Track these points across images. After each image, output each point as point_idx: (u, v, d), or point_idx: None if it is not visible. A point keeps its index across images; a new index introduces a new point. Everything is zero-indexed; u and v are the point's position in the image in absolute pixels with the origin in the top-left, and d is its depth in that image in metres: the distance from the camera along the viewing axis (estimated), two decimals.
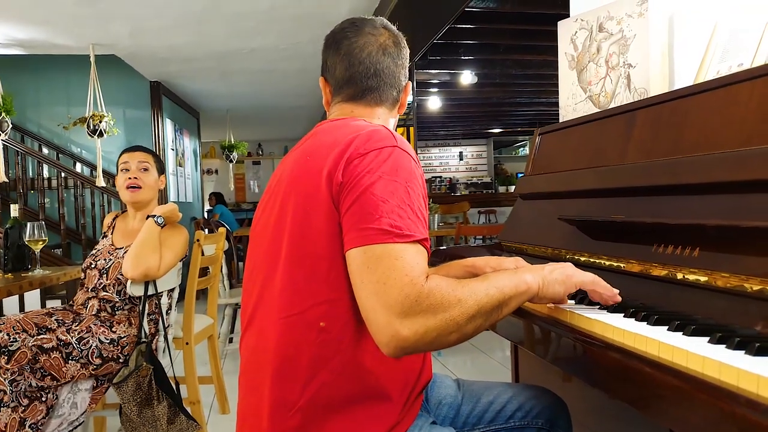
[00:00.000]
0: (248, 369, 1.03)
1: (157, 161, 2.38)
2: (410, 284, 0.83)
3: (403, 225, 0.88)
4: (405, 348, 0.83)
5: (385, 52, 1.15)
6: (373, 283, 0.84)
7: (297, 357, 0.94)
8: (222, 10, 4.45)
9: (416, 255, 0.87)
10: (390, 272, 0.84)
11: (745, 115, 0.96)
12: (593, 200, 1.30)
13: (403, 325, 0.81)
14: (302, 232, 0.96)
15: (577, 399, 1.51)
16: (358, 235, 0.88)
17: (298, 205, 0.97)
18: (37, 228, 2.55)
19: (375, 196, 0.89)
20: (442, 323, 0.83)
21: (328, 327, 0.93)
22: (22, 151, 5.82)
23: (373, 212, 0.88)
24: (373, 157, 0.93)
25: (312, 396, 0.92)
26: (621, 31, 1.50)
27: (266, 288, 1.00)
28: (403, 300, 0.82)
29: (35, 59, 5.84)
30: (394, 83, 1.17)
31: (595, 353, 0.87)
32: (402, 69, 1.18)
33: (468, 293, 0.85)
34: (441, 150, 13.80)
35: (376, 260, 0.85)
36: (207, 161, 12.10)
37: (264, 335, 0.99)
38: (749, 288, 0.81)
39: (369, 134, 0.97)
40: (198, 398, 2.47)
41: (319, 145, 1.02)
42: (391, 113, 1.20)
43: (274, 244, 1.00)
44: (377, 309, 0.83)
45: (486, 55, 6.49)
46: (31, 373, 1.88)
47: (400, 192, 0.91)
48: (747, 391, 0.61)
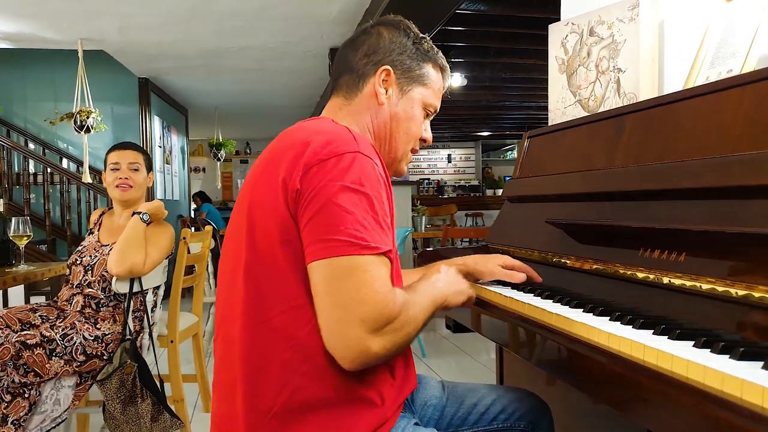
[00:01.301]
0: (219, 376, 1.01)
1: (147, 159, 2.37)
2: (383, 302, 0.85)
3: (368, 237, 0.86)
4: (369, 363, 0.86)
5: (344, 47, 1.14)
6: (341, 295, 0.84)
7: (266, 365, 0.92)
8: (212, 8, 4.42)
9: (381, 267, 0.87)
10: (360, 286, 0.84)
11: (733, 121, 0.97)
12: (581, 204, 1.30)
13: (374, 341, 0.84)
14: (260, 240, 0.93)
15: (561, 402, 1.52)
16: (323, 246, 0.86)
17: (254, 213, 0.95)
18: (22, 223, 2.52)
19: (338, 207, 0.86)
20: (405, 339, 0.89)
21: (295, 333, 0.91)
22: (7, 146, 5.75)
23: (337, 223, 0.86)
24: (333, 165, 0.89)
25: (286, 401, 0.90)
26: (611, 36, 1.51)
27: (230, 296, 0.98)
28: (377, 317, 0.84)
29: (22, 53, 5.78)
30: (346, 67, 1.12)
31: (579, 356, 0.87)
32: (364, 54, 1.11)
33: (419, 310, 0.93)
34: (429, 152, 13.82)
35: (343, 272, 0.85)
36: (195, 159, 12.02)
37: (230, 344, 0.97)
38: (734, 293, 0.82)
39: (328, 139, 0.93)
40: (182, 396, 2.45)
41: (278, 148, 0.99)
42: (354, 103, 1.11)
43: (235, 252, 0.98)
44: (347, 322, 0.84)
45: (476, 58, 6.52)
46: (14, 369, 1.86)
47: (364, 202, 0.88)
48: (731, 395, 0.61)
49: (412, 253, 5.14)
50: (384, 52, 1.10)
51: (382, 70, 1.09)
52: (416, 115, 1.14)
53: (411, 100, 1.13)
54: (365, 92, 1.10)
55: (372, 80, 1.10)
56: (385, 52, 1.10)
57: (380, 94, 1.10)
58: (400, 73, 1.11)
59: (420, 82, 1.13)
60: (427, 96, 1.15)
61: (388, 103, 1.11)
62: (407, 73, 1.12)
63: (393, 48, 1.11)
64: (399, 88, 1.11)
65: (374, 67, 1.10)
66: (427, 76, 1.14)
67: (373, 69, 1.10)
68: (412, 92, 1.13)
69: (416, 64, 1.13)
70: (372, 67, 1.10)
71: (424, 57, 1.14)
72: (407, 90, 1.12)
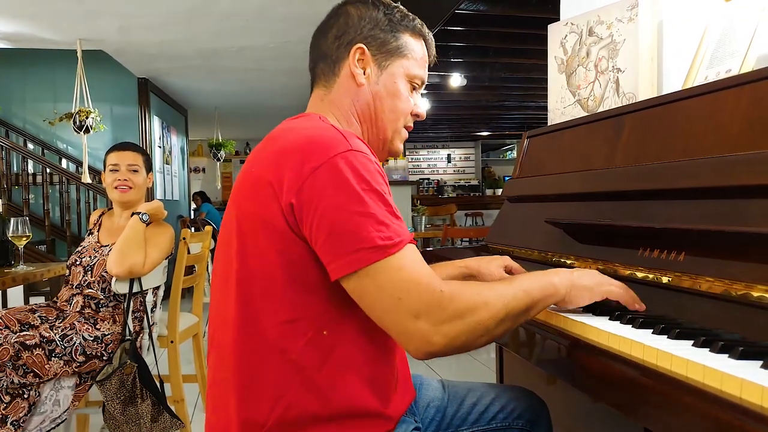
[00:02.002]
0: (213, 387, 0.98)
1: (146, 160, 2.36)
2: (427, 291, 0.81)
3: (391, 233, 0.83)
4: (435, 353, 0.82)
5: (314, 35, 1.09)
6: (386, 300, 0.82)
7: (259, 380, 0.90)
8: (211, 8, 4.42)
9: (414, 257, 0.84)
10: (400, 285, 0.81)
11: (732, 120, 0.97)
12: (580, 204, 1.30)
13: (432, 331, 0.80)
14: (251, 252, 0.90)
15: (561, 401, 1.52)
16: (351, 259, 0.82)
17: (244, 224, 0.91)
18: (21, 224, 2.52)
19: (352, 214, 0.82)
20: (471, 327, 0.82)
21: (290, 347, 0.88)
22: (6, 146, 5.74)
23: (357, 231, 0.82)
24: (329, 172, 0.84)
25: (280, 416, 0.88)
26: (611, 36, 1.51)
27: (223, 308, 0.95)
28: (425, 308, 0.81)
29: (21, 53, 5.77)
30: (319, 54, 1.07)
31: (579, 356, 0.88)
32: (334, 37, 1.05)
33: (495, 296, 0.85)
34: (429, 152, 13.83)
35: (381, 279, 0.82)
36: (194, 159, 12.02)
37: (223, 356, 0.94)
38: (734, 293, 0.82)
39: (313, 146, 0.87)
40: (182, 397, 2.45)
41: (264, 154, 0.93)
42: (333, 90, 1.06)
43: (226, 263, 0.95)
44: (403, 322, 0.81)
45: (475, 58, 6.52)
46: (13, 370, 1.86)
47: (376, 199, 0.85)
48: (730, 395, 0.61)
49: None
50: (354, 30, 1.04)
51: (356, 49, 1.03)
52: (400, 90, 1.06)
53: (392, 75, 1.05)
54: (342, 76, 1.04)
55: (346, 62, 1.04)
56: (355, 30, 1.04)
57: (357, 75, 1.04)
58: (375, 48, 1.04)
59: (399, 54, 1.06)
60: (409, 67, 1.07)
61: (367, 82, 1.04)
62: (383, 47, 1.04)
63: (363, 24, 1.04)
64: (377, 64, 1.05)
65: (346, 48, 1.04)
66: (405, 47, 1.06)
67: (346, 50, 1.04)
68: (391, 66, 1.05)
69: (391, 36, 1.05)
70: (344, 49, 1.04)
71: (399, 27, 1.06)
72: (386, 65, 1.05)
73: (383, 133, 1.08)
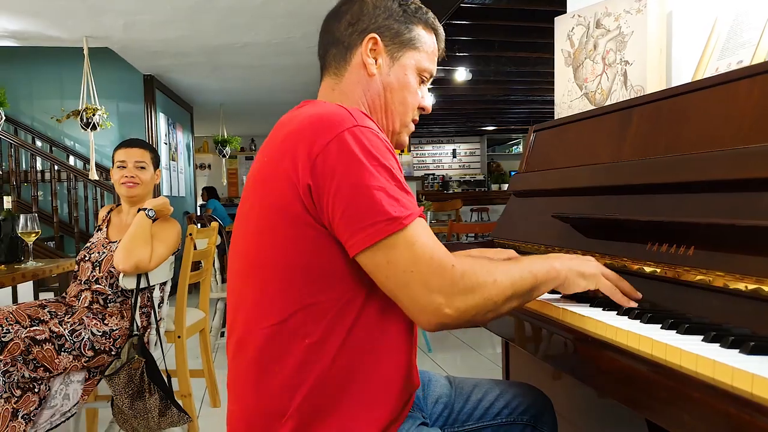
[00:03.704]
0: (232, 376, 0.99)
1: (154, 157, 2.37)
2: (439, 267, 0.83)
3: (402, 206, 0.84)
4: (446, 324, 0.84)
5: (327, 20, 1.07)
6: (401, 274, 0.83)
7: (279, 367, 0.90)
8: (215, 4, 4.42)
9: (426, 231, 0.86)
10: (415, 258, 0.83)
11: (744, 113, 0.96)
12: (588, 198, 1.29)
13: (445, 303, 0.83)
14: (268, 241, 0.91)
15: (566, 396, 1.51)
16: (368, 233, 0.83)
17: (262, 213, 0.92)
18: (30, 220, 2.53)
19: (367, 188, 0.83)
20: (481, 302, 0.85)
21: (310, 332, 0.89)
22: (15, 144, 5.78)
23: (371, 205, 0.83)
24: (337, 148, 0.85)
25: (300, 403, 0.89)
26: (618, 28, 1.49)
27: (242, 297, 0.96)
28: (438, 282, 0.83)
29: (28, 51, 5.79)
30: (331, 40, 1.06)
31: (586, 351, 0.87)
32: (347, 23, 1.04)
33: (504, 274, 0.88)
34: (434, 147, 13.79)
35: (394, 253, 0.83)
36: (200, 156, 12.04)
37: (243, 345, 0.94)
38: (744, 287, 0.81)
39: (320, 122, 0.88)
40: (189, 391, 2.47)
41: (275, 142, 0.94)
42: (344, 79, 1.05)
43: (244, 253, 0.96)
44: (414, 293, 0.83)
45: (481, 52, 6.48)
46: (24, 365, 1.88)
47: (384, 173, 0.85)
48: (741, 390, 0.60)
49: None
50: (368, 18, 1.03)
51: (369, 38, 1.02)
52: (411, 82, 1.06)
53: (403, 66, 1.05)
54: (354, 64, 1.04)
55: (359, 50, 1.03)
56: (369, 18, 1.03)
57: (369, 65, 1.03)
58: (389, 39, 1.04)
59: (411, 46, 1.05)
60: (420, 60, 1.06)
61: (378, 73, 1.04)
62: (396, 38, 1.04)
63: (378, 13, 1.03)
64: (389, 55, 1.04)
65: (360, 36, 1.03)
66: (418, 39, 1.06)
67: (359, 38, 1.03)
68: (403, 58, 1.05)
69: (405, 27, 1.05)
70: (357, 37, 1.03)
71: (413, 19, 1.06)
72: (398, 56, 1.05)
73: (392, 125, 1.08)
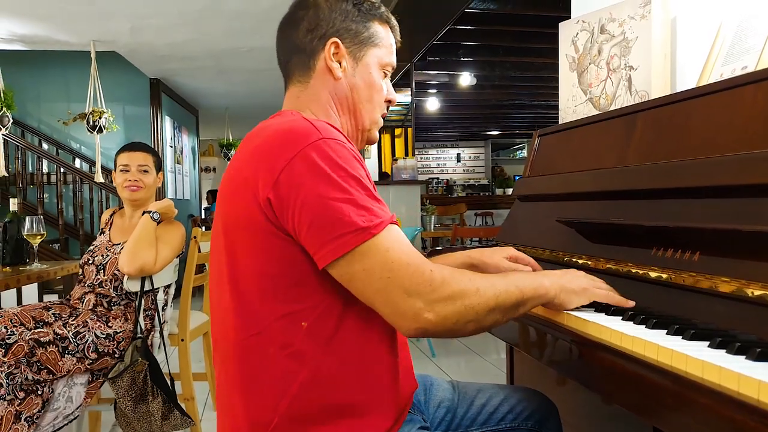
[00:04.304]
0: (219, 389, 0.99)
1: (156, 160, 2.38)
2: (416, 271, 0.83)
3: (372, 216, 0.84)
4: (426, 330, 0.83)
5: (283, 27, 1.07)
6: (376, 281, 0.83)
7: (262, 377, 0.90)
8: (221, 8, 4.44)
9: (399, 237, 0.86)
10: (389, 265, 0.82)
11: (748, 118, 0.96)
12: (592, 203, 1.29)
13: (425, 309, 0.82)
14: (239, 252, 0.91)
15: (571, 401, 1.51)
16: (336, 245, 0.82)
17: (230, 226, 0.92)
18: (36, 222, 2.54)
19: (331, 201, 0.83)
20: (462, 310, 0.84)
21: (290, 340, 0.89)
22: (22, 146, 5.81)
23: (338, 217, 0.82)
24: (302, 162, 0.84)
25: (285, 412, 0.88)
26: (623, 33, 1.49)
27: (221, 310, 0.96)
28: (416, 287, 0.82)
29: (36, 55, 5.83)
30: (292, 48, 1.05)
31: (591, 356, 0.87)
32: (306, 30, 1.04)
33: (487, 285, 0.87)
34: (439, 151, 13.81)
35: (368, 261, 0.83)
36: (205, 159, 12.08)
37: (227, 357, 0.95)
38: (750, 293, 0.81)
39: (284, 138, 0.88)
40: (192, 395, 2.46)
41: (241, 156, 0.94)
42: (310, 85, 1.05)
43: (218, 267, 0.96)
44: (394, 299, 0.82)
45: (485, 57, 6.50)
46: (28, 367, 1.88)
47: (353, 183, 0.85)
48: (747, 397, 0.60)
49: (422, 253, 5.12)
50: (326, 23, 1.03)
51: (330, 43, 1.03)
52: (376, 80, 1.07)
53: (367, 65, 1.06)
54: (318, 70, 1.04)
55: (322, 56, 1.03)
56: (327, 23, 1.03)
57: (335, 69, 1.03)
58: (349, 40, 1.04)
59: (371, 43, 1.06)
60: (381, 56, 1.08)
61: (344, 75, 1.05)
62: (356, 39, 1.05)
63: (334, 16, 1.04)
64: (352, 56, 1.05)
65: (320, 41, 1.03)
66: (376, 36, 1.07)
67: (320, 44, 1.03)
68: (366, 57, 1.06)
69: (362, 26, 1.05)
70: (318, 42, 1.03)
71: (368, 16, 1.06)
72: (360, 56, 1.05)
73: (361, 124, 1.09)
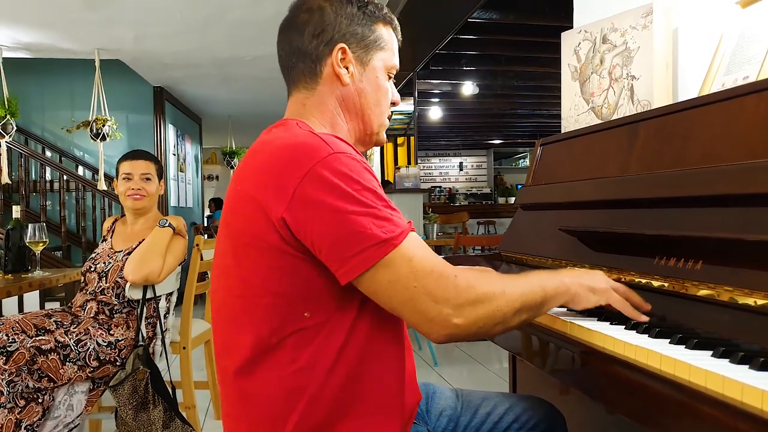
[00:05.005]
0: (225, 407, 0.98)
1: (158, 168, 2.39)
2: (441, 277, 0.83)
3: (393, 226, 0.84)
4: (456, 335, 0.84)
5: (285, 31, 1.04)
6: (403, 291, 0.83)
7: (270, 394, 0.89)
8: (225, 17, 4.46)
9: (419, 244, 0.85)
10: (415, 273, 0.82)
11: (750, 128, 0.96)
12: (595, 212, 1.29)
13: (453, 314, 0.82)
14: (245, 269, 0.90)
15: (575, 412, 1.50)
16: (359, 260, 0.82)
17: (236, 242, 0.92)
18: (38, 229, 2.54)
19: (350, 215, 0.82)
20: (490, 312, 0.84)
21: (297, 357, 0.88)
22: (25, 154, 5.83)
23: (360, 231, 0.82)
24: (315, 180, 0.83)
25: (293, 429, 0.88)
26: (625, 43, 1.50)
27: (227, 328, 0.95)
28: (443, 293, 0.82)
29: (40, 63, 5.86)
30: (297, 54, 1.02)
31: (594, 365, 0.87)
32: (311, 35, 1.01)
33: (512, 286, 0.87)
34: (441, 160, 13.83)
35: (393, 272, 0.82)
36: (208, 167, 12.11)
37: (234, 374, 0.94)
38: (753, 302, 0.80)
39: (294, 155, 0.86)
40: (194, 403, 2.46)
41: (247, 169, 0.93)
42: (317, 91, 1.03)
43: (226, 284, 0.95)
44: (421, 306, 0.82)
45: (488, 66, 6.52)
46: (29, 375, 1.88)
47: (368, 195, 0.84)
48: (751, 406, 0.60)
49: None
50: (333, 28, 1.01)
51: (338, 49, 1.01)
52: (382, 83, 1.06)
53: (374, 69, 1.05)
54: (325, 75, 1.02)
55: (329, 62, 1.01)
56: (333, 27, 1.01)
57: (342, 75, 1.02)
58: (355, 45, 1.02)
59: (377, 47, 1.05)
60: (387, 59, 1.06)
61: (352, 80, 1.03)
62: (362, 43, 1.03)
63: (340, 20, 1.01)
64: (359, 61, 1.03)
65: (327, 47, 1.01)
66: (381, 38, 1.05)
67: (327, 49, 1.01)
68: (372, 61, 1.04)
69: (368, 29, 1.03)
70: (325, 48, 1.01)
71: (373, 18, 1.04)
72: (367, 60, 1.04)
73: (370, 128, 1.09)
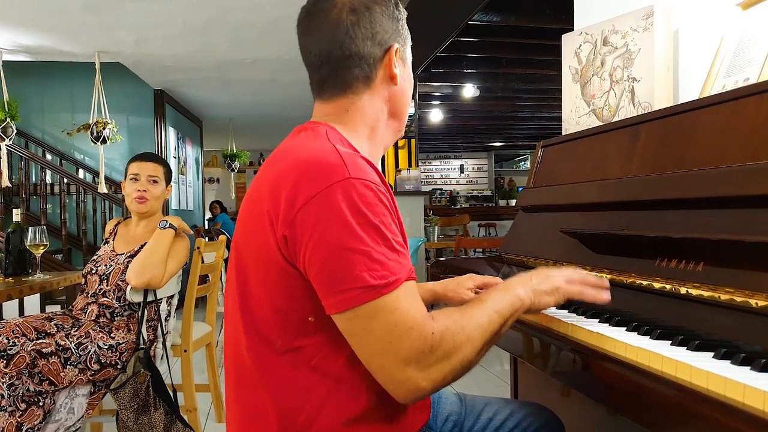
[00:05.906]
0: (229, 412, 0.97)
1: (167, 172, 2.39)
2: (419, 338, 0.78)
3: (386, 272, 0.78)
4: (422, 397, 0.81)
5: (333, 33, 0.94)
6: (376, 343, 0.79)
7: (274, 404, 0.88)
8: (226, 20, 4.47)
9: (409, 296, 0.80)
10: (392, 329, 0.78)
11: (751, 129, 0.96)
12: (596, 213, 1.29)
13: (420, 377, 0.79)
14: (251, 281, 0.89)
15: (576, 414, 1.50)
16: (342, 299, 0.78)
17: (244, 252, 0.91)
18: (39, 233, 2.54)
19: (346, 251, 0.78)
20: (458, 366, 0.81)
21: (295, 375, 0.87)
22: (25, 157, 5.84)
23: (348, 269, 0.78)
24: (323, 203, 0.79)
25: None
26: (626, 45, 1.50)
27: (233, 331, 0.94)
28: (416, 355, 0.78)
29: (41, 66, 5.87)
30: (351, 56, 0.95)
31: (596, 367, 0.86)
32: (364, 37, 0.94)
33: (474, 327, 0.83)
34: (442, 162, 13.83)
35: (370, 321, 0.78)
36: (209, 170, 12.12)
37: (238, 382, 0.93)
38: (754, 304, 0.81)
39: (308, 172, 0.82)
40: (195, 406, 2.45)
41: (266, 176, 0.91)
42: (366, 95, 0.98)
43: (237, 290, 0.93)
44: (389, 366, 0.79)
45: (489, 69, 6.53)
46: (29, 378, 1.87)
47: (372, 233, 0.79)
48: (752, 408, 0.60)
49: (425, 264, 5.13)
50: (382, 28, 0.96)
51: (393, 49, 0.97)
52: (411, 75, 1.05)
53: (408, 65, 1.03)
54: (380, 78, 0.98)
55: (384, 63, 0.97)
56: (383, 27, 0.96)
57: (397, 76, 0.99)
58: (399, 43, 1.00)
59: (407, 42, 1.02)
60: (409, 51, 1.04)
61: (400, 79, 1.00)
62: (401, 39, 1.00)
63: (385, 20, 0.97)
64: (401, 59, 1.00)
65: (380, 48, 0.96)
66: (408, 32, 1.02)
67: (380, 50, 0.96)
68: (407, 56, 1.02)
69: (400, 24, 1.00)
70: (378, 49, 0.96)
71: (401, 13, 1.01)
72: (405, 57, 1.02)
73: (403, 123, 1.08)
